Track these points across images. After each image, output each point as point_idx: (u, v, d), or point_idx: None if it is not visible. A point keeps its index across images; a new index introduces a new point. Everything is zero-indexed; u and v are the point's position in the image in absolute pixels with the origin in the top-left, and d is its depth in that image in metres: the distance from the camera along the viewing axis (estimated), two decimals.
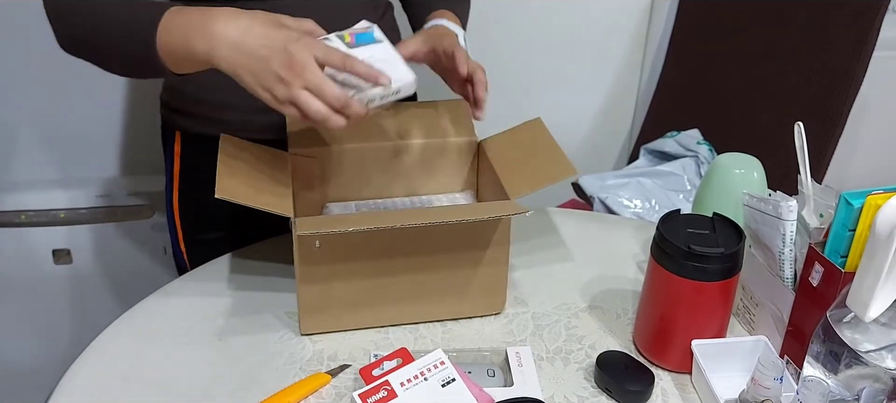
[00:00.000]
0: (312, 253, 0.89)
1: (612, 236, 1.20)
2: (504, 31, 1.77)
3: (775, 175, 1.10)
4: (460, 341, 0.96)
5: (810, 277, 0.84)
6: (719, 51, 1.71)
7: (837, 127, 1.51)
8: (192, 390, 0.88)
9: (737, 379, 0.86)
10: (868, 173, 1.81)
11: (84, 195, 1.68)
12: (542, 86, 1.88)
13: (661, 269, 0.87)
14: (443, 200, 1.10)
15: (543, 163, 0.99)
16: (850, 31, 1.48)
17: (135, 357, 0.92)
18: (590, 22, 1.82)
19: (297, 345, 0.95)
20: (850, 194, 0.79)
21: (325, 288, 0.92)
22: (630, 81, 1.91)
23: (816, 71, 1.53)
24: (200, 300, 1.02)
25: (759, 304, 0.95)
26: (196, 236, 1.21)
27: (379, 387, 0.79)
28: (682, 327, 0.89)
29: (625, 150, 1.99)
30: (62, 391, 0.88)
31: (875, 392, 0.75)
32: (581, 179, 1.61)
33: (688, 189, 1.57)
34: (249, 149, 0.97)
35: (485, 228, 0.93)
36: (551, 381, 0.91)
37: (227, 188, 0.86)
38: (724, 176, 1.01)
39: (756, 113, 1.63)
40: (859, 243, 0.78)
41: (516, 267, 1.09)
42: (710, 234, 0.87)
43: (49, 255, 1.68)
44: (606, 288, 1.07)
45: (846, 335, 0.76)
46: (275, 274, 1.06)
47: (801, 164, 0.91)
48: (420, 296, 0.96)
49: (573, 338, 0.98)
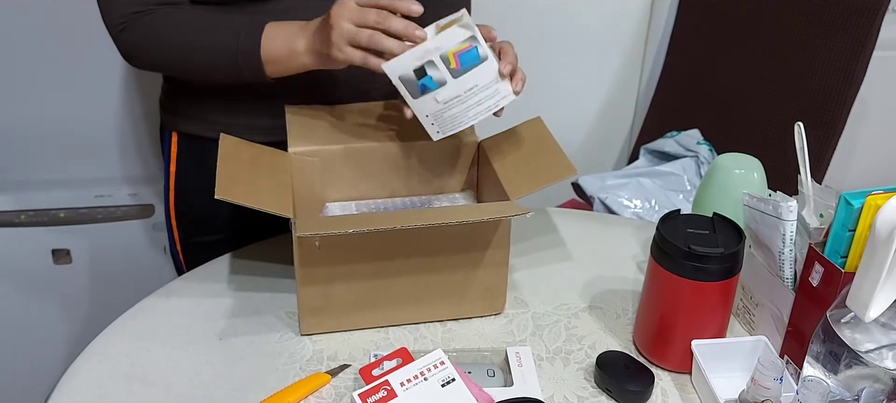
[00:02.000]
0: (312, 253, 0.89)
1: (612, 236, 1.20)
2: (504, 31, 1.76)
3: (775, 175, 1.10)
4: (460, 341, 0.96)
5: (810, 277, 0.84)
6: (719, 51, 1.71)
7: (837, 127, 1.51)
8: (192, 390, 0.88)
9: (737, 379, 0.86)
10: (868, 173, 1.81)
11: (84, 195, 1.68)
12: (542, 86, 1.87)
13: (661, 269, 0.87)
14: (443, 201, 1.09)
15: (544, 163, 0.99)
16: (849, 31, 1.48)
17: (135, 357, 0.92)
18: (590, 22, 1.82)
19: (297, 345, 0.95)
20: (850, 194, 0.79)
21: (325, 288, 0.92)
22: (630, 81, 1.91)
23: (816, 71, 1.53)
24: (200, 300, 1.02)
25: (759, 304, 0.95)
26: (192, 239, 1.21)
27: (379, 387, 0.79)
28: (682, 327, 0.89)
29: (625, 150, 1.99)
30: (62, 391, 0.88)
31: (875, 393, 0.75)
32: (581, 179, 1.61)
33: (688, 189, 1.57)
34: (249, 149, 0.97)
35: (485, 229, 0.93)
36: (551, 381, 0.91)
37: (226, 188, 0.86)
38: (724, 176, 1.01)
39: (756, 113, 1.62)
40: (859, 243, 0.78)
41: (516, 267, 1.09)
42: (710, 234, 0.87)
43: (49, 255, 1.68)
44: (606, 288, 1.07)
45: (846, 335, 0.76)
46: (275, 275, 1.06)
47: (801, 164, 0.91)
48: (420, 297, 0.96)
49: (573, 338, 0.98)
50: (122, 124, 1.71)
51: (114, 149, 1.74)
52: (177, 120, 1.16)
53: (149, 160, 1.76)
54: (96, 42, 1.36)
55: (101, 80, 1.65)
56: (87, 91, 1.65)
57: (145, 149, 1.75)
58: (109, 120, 1.70)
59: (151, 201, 1.71)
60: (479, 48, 0.92)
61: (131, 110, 1.70)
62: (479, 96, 0.93)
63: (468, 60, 0.91)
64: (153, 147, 1.74)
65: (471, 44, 0.91)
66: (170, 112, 1.17)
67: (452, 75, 0.92)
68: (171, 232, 1.22)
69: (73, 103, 1.65)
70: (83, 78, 1.63)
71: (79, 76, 1.63)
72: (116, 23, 0.99)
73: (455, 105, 0.93)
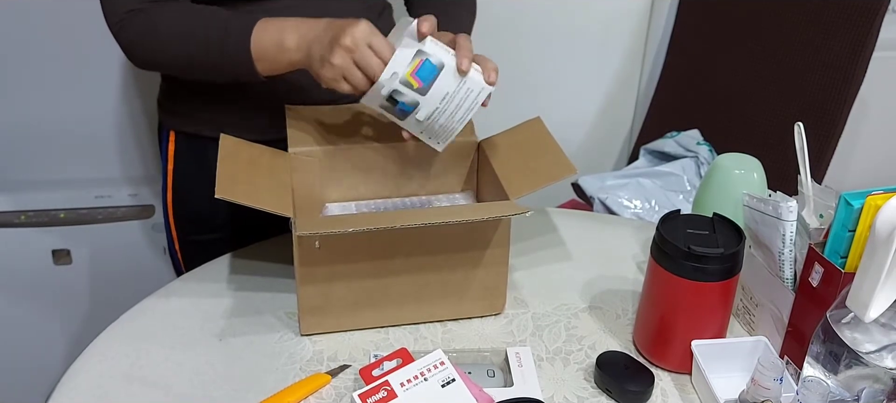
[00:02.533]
0: (312, 253, 0.89)
1: (612, 236, 1.20)
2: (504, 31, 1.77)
3: (775, 175, 1.10)
4: (460, 341, 0.96)
5: (810, 278, 0.84)
6: (719, 51, 1.71)
7: (837, 127, 1.51)
8: (192, 390, 0.88)
9: (737, 380, 0.86)
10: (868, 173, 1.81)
11: (84, 195, 1.68)
12: (542, 86, 1.88)
13: (661, 270, 0.87)
14: (443, 200, 1.09)
15: (543, 163, 0.99)
16: (849, 31, 1.48)
17: (135, 357, 0.92)
18: (590, 21, 1.82)
19: (297, 345, 0.95)
20: (849, 194, 0.79)
21: (325, 288, 0.92)
22: (630, 81, 1.91)
23: (816, 71, 1.53)
24: (200, 300, 1.02)
25: (759, 305, 0.95)
26: (190, 237, 1.21)
27: (379, 387, 0.79)
28: (681, 327, 0.89)
29: (625, 150, 1.99)
30: (62, 391, 0.88)
31: (875, 393, 0.75)
32: (581, 179, 1.61)
33: (688, 189, 1.57)
34: (249, 149, 0.97)
35: (485, 228, 0.93)
36: (551, 381, 0.91)
37: (226, 188, 0.86)
38: (724, 176, 1.01)
39: (756, 113, 1.62)
40: (859, 244, 0.78)
41: (516, 267, 1.09)
42: (709, 235, 0.87)
43: (49, 255, 1.68)
44: (606, 288, 1.07)
45: (846, 335, 0.76)
46: (275, 275, 1.06)
47: (801, 164, 0.91)
48: (420, 297, 0.96)
49: (573, 339, 0.98)
50: (122, 125, 1.71)
51: (114, 150, 1.74)
52: (175, 119, 1.16)
53: (149, 161, 1.76)
54: (97, 42, 1.36)
55: (102, 81, 1.65)
56: (87, 91, 1.64)
57: (145, 149, 1.75)
58: (110, 120, 1.70)
59: (151, 202, 1.71)
60: (431, 58, 0.90)
61: (132, 111, 1.70)
62: (455, 101, 0.92)
63: (426, 75, 0.90)
64: (153, 148, 1.74)
65: (421, 58, 0.90)
66: (168, 111, 1.17)
67: (420, 93, 0.91)
68: (170, 231, 1.22)
69: (73, 103, 1.65)
70: (83, 78, 1.63)
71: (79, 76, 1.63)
72: (116, 20, 0.99)
73: (438, 117, 0.93)
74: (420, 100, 0.91)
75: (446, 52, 0.91)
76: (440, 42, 0.92)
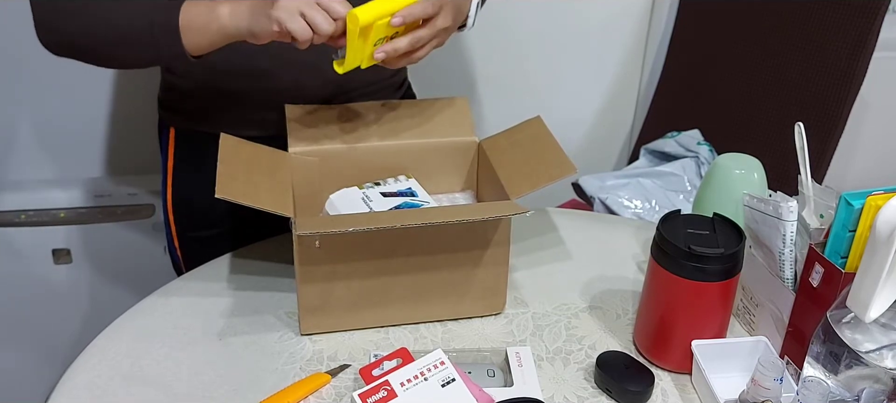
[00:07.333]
0: (312, 253, 0.89)
1: (612, 236, 1.20)
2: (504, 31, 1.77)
3: (775, 175, 1.10)
4: (460, 341, 0.96)
5: (810, 278, 0.84)
6: (719, 51, 1.70)
7: (837, 127, 1.51)
8: (192, 390, 0.88)
9: (737, 380, 0.86)
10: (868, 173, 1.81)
11: (84, 195, 1.68)
12: (542, 86, 1.88)
13: (661, 270, 0.87)
14: (443, 200, 1.09)
15: (543, 163, 0.99)
16: (849, 32, 1.48)
17: (135, 357, 0.92)
18: (590, 21, 1.82)
19: (297, 345, 0.95)
20: (850, 195, 0.79)
21: (325, 288, 0.92)
22: (630, 81, 1.91)
23: (816, 71, 1.53)
24: (200, 300, 1.02)
25: (759, 305, 0.95)
26: (189, 233, 1.21)
27: (379, 387, 0.79)
28: (682, 327, 0.89)
29: (625, 150, 1.99)
30: (62, 391, 0.88)
31: (875, 393, 0.75)
32: (581, 179, 1.61)
33: (688, 189, 1.57)
34: (249, 149, 0.97)
35: (485, 228, 0.93)
36: (551, 381, 0.91)
37: (226, 187, 0.86)
38: (725, 176, 1.01)
39: (756, 113, 1.62)
40: (859, 244, 0.78)
41: (516, 267, 1.09)
42: (710, 235, 0.87)
43: (49, 255, 1.68)
44: (606, 288, 1.07)
45: (846, 335, 0.76)
46: (275, 274, 1.06)
47: (801, 165, 0.91)
48: (420, 296, 0.96)
49: (573, 339, 0.98)
50: (122, 125, 1.71)
51: (114, 150, 1.74)
52: (175, 116, 1.16)
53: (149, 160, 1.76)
54: None
55: (102, 80, 1.65)
56: (87, 91, 1.64)
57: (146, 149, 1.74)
58: (110, 120, 1.70)
59: (151, 201, 1.71)
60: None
61: (132, 111, 1.70)
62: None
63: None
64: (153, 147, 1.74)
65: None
66: (168, 109, 1.17)
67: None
68: (169, 228, 1.22)
69: (73, 103, 1.65)
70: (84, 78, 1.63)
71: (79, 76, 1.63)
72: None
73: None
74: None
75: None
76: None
